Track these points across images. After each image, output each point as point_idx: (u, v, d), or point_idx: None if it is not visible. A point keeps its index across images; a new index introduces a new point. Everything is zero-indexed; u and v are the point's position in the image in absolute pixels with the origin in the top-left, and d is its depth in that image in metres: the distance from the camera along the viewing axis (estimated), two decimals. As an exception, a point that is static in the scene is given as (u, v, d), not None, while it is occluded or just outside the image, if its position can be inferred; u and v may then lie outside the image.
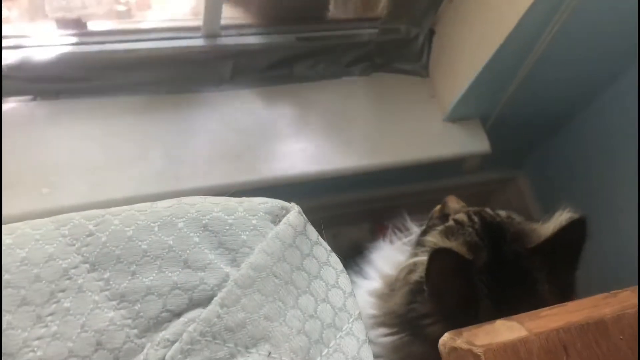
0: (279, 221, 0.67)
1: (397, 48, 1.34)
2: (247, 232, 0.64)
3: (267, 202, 0.67)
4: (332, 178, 1.26)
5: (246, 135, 1.23)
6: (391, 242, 1.13)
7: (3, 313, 0.57)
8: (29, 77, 1.14)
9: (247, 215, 0.65)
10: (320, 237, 0.68)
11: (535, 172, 1.61)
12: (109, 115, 1.20)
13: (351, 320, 0.65)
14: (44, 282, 0.59)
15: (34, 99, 1.17)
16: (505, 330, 0.73)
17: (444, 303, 0.83)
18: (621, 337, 0.73)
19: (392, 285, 0.98)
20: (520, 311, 0.79)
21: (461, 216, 0.94)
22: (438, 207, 1.03)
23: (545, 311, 0.76)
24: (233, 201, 0.66)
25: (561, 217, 0.87)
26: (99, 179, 1.13)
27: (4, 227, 0.61)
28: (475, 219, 0.92)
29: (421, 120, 1.32)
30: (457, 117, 1.32)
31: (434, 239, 0.88)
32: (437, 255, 0.79)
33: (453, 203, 1.01)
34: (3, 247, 0.59)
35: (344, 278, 0.67)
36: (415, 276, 0.90)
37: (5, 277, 0.58)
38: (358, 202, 1.51)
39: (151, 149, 1.18)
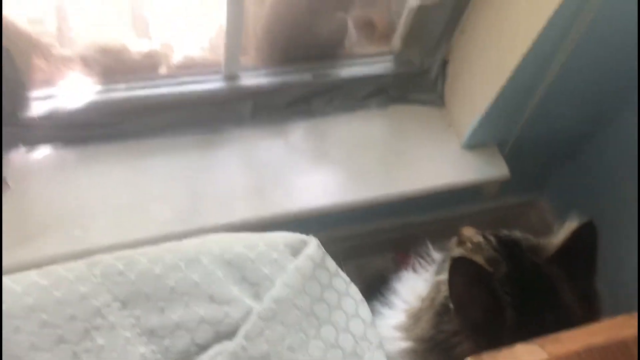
0: (299, 254, 0.70)
1: (412, 80, 1.38)
2: (269, 266, 0.68)
3: (287, 236, 0.70)
4: (353, 209, 1.29)
5: (267, 170, 1.27)
6: (415, 271, 1.15)
7: (42, 351, 0.61)
8: (58, 125, 1.20)
9: (268, 249, 0.68)
10: (339, 269, 0.71)
11: (557, 195, 1.62)
12: (135, 158, 1.25)
13: (372, 348, 0.67)
14: (78, 320, 0.63)
15: (64, 146, 1.23)
16: (526, 354, 0.75)
17: (470, 316, 0.86)
18: (643, 355, 0.74)
19: (416, 315, 1.00)
20: (546, 319, 0.82)
21: (477, 238, 0.97)
22: (455, 238, 1.06)
23: (566, 334, 0.78)
24: (254, 236, 0.70)
25: (571, 225, 0.90)
26: (128, 220, 1.17)
27: (40, 270, 0.65)
28: (491, 238, 0.95)
29: (439, 148, 1.36)
30: (475, 144, 1.35)
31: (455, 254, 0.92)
32: (458, 264, 0.82)
33: (468, 232, 1.04)
34: (39, 289, 0.63)
35: (363, 308, 0.70)
36: (440, 297, 0.93)
37: (42, 316, 0.62)
38: (381, 231, 1.54)
39: (176, 188, 1.22)
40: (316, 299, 0.67)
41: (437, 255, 1.12)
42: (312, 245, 0.70)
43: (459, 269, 0.84)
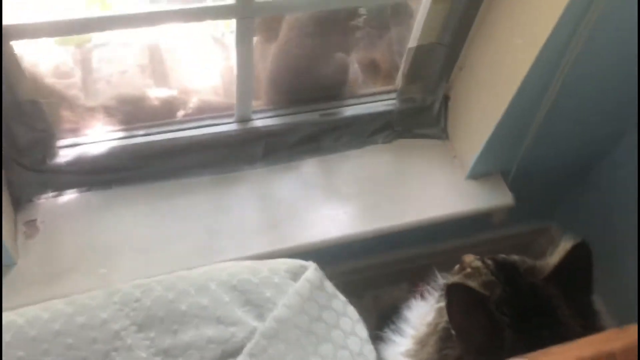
0: (299, 278, 0.77)
1: (416, 115, 1.46)
2: (271, 290, 0.75)
3: (287, 262, 0.78)
4: (364, 240, 1.35)
5: (280, 206, 1.35)
6: (424, 299, 1.20)
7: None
8: (84, 170, 1.30)
9: (270, 275, 0.76)
10: (337, 291, 0.78)
11: (567, 220, 1.66)
12: (155, 199, 1.34)
13: (369, 363, 0.73)
14: (100, 343, 0.71)
15: (89, 190, 1.32)
16: (517, 370, 0.79)
17: (471, 340, 0.90)
18: (630, 368, 0.78)
19: (422, 341, 1.05)
20: (544, 337, 0.86)
21: (476, 263, 1.02)
22: (457, 265, 1.11)
23: (556, 348, 0.82)
24: (258, 263, 0.77)
25: (565, 245, 0.95)
26: (149, 258, 1.25)
27: (65, 299, 0.73)
28: (489, 262, 1.00)
29: (444, 180, 1.42)
30: (479, 174, 1.42)
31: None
32: (453, 291, 0.87)
33: (469, 258, 1.09)
34: (65, 315, 0.71)
35: (360, 326, 0.76)
36: (442, 323, 0.98)
37: (67, 340, 0.70)
38: (395, 262, 1.60)
39: (195, 226, 1.30)
40: (315, 318, 0.74)
41: (443, 282, 1.18)
42: (311, 269, 0.77)
43: (454, 295, 0.90)
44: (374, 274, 1.63)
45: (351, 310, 0.77)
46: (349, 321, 0.76)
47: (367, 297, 1.68)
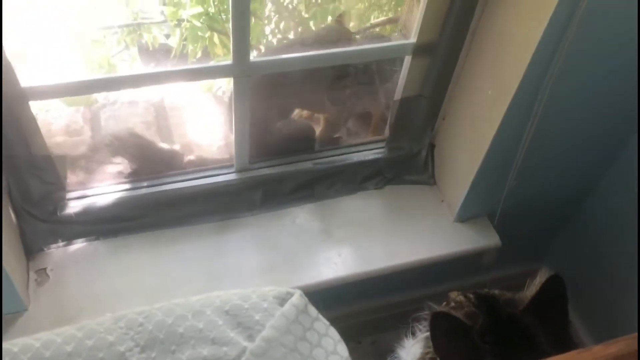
0: (285, 303, 0.88)
1: (405, 163, 1.58)
2: (260, 314, 0.86)
3: (275, 290, 0.89)
4: (358, 282, 1.46)
5: (278, 250, 1.46)
6: (415, 336, 1.29)
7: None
8: (92, 220, 1.42)
9: (259, 300, 0.87)
10: (319, 314, 0.88)
11: (557, 262, 1.76)
12: (159, 246, 1.45)
13: (349, 380, 0.83)
14: (107, 363, 0.81)
15: (96, 239, 1.44)
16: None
17: None
18: (592, 385, 0.87)
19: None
20: None
21: (459, 297, 1.12)
22: (444, 302, 1.21)
23: (528, 367, 0.91)
24: (248, 291, 0.88)
25: (541, 278, 1.05)
26: (153, 302, 1.35)
27: (76, 325, 0.84)
28: (471, 295, 1.10)
29: (433, 223, 1.54)
30: (466, 217, 1.53)
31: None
32: (436, 319, 0.97)
33: (454, 294, 1.19)
34: (76, 339, 0.82)
35: (341, 346, 0.86)
36: (430, 353, 1.07)
37: (78, 361, 0.80)
38: (390, 306, 1.69)
39: (196, 271, 1.42)
40: (299, 338, 0.84)
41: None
42: (296, 295, 0.88)
43: (438, 323, 1.00)
44: (370, 318, 1.72)
45: (333, 332, 0.87)
46: (331, 341, 0.86)
47: (365, 342, 1.76)
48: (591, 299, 1.73)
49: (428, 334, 1.07)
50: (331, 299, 1.42)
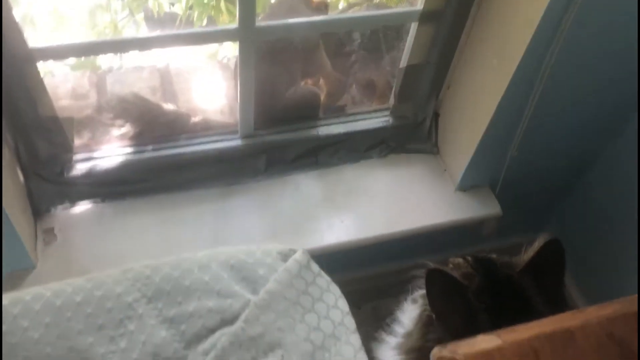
0: (288, 259, 0.91)
1: (409, 131, 1.61)
2: (264, 269, 0.89)
3: (279, 247, 0.92)
4: (360, 248, 1.49)
5: (281, 216, 1.49)
6: (415, 301, 1.32)
7: (87, 335, 0.82)
8: (97, 182, 1.45)
9: (263, 256, 0.90)
10: (321, 271, 0.91)
11: (558, 231, 1.79)
12: (164, 210, 1.49)
13: (348, 332, 0.87)
14: (115, 312, 0.86)
15: (102, 201, 1.48)
16: (484, 342, 0.93)
17: (450, 324, 1.03)
18: (586, 342, 0.91)
19: (409, 333, 1.17)
20: (518, 322, 0.97)
21: (458, 260, 1.15)
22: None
23: (520, 326, 0.95)
24: (253, 247, 0.91)
25: (539, 241, 1.08)
26: (158, 262, 1.39)
27: (85, 276, 0.88)
28: (469, 258, 1.13)
29: (435, 191, 1.57)
30: (467, 186, 1.56)
31: None
32: (432, 276, 1.00)
33: (452, 259, 1.22)
34: (85, 290, 0.85)
35: (342, 301, 0.89)
36: (426, 311, 1.10)
37: (87, 310, 0.84)
38: (391, 274, 1.72)
39: (201, 234, 1.45)
40: (302, 292, 0.88)
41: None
42: (299, 252, 0.92)
43: (433, 279, 1.03)
44: (371, 285, 1.76)
45: (334, 287, 0.91)
46: (332, 296, 0.89)
47: (366, 308, 1.80)
48: (591, 267, 1.77)
49: (423, 291, 1.10)
50: (333, 265, 1.45)
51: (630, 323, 0.89)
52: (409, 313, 1.25)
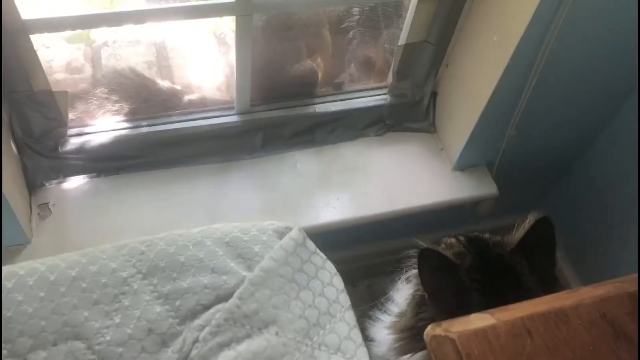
0: (284, 237, 0.91)
1: (406, 110, 1.61)
2: (259, 246, 0.89)
3: (274, 224, 0.92)
4: (355, 226, 1.49)
5: (277, 193, 1.50)
6: (409, 281, 1.33)
7: (82, 310, 0.83)
8: (92, 157, 1.45)
9: (258, 233, 0.90)
10: (317, 249, 0.92)
11: (554, 212, 1.79)
12: (160, 185, 1.49)
13: (343, 310, 0.88)
14: (110, 287, 0.86)
15: (97, 176, 1.48)
16: (477, 320, 0.93)
17: (441, 301, 1.04)
18: (579, 322, 0.92)
19: (402, 312, 1.19)
20: (509, 301, 0.99)
21: (450, 240, 1.16)
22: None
23: (515, 305, 0.96)
24: (248, 224, 0.92)
25: (530, 220, 1.09)
26: (154, 237, 1.39)
27: (80, 252, 0.88)
28: (461, 237, 1.14)
29: (432, 171, 1.57)
30: (464, 165, 1.56)
31: None
32: (424, 255, 1.01)
33: (446, 239, 1.23)
34: (80, 264, 0.86)
35: (337, 279, 0.90)
36: (419, 291, 1.11)
37: (82, 285, 0.85)
38: (386, 252, 1.72)
39: (197, 211, 1.46)
40: (297, 269, 0.88)
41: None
42: (295, 229, 0.92)
43: (425, 258, 1.04)
44: (366, 263, 1.77)
45: (329, 265, 0.91)
46: (328, 274, 0.90)
47: (361, 286, 1.81)
48: (585, 248, 1.78)
49: (415, 271, 1.11)
50: (328, 243, 1.46)
51: (623, 304, 0.90)
52: (403, 292, 1.26)
